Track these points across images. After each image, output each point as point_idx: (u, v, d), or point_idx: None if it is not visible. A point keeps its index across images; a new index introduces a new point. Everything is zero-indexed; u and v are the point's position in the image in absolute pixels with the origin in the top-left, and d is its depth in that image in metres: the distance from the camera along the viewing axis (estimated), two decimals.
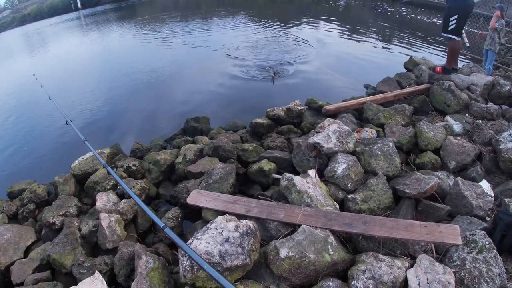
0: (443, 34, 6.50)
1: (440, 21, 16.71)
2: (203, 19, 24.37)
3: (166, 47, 16.86)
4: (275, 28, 17.87)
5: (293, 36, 13.50)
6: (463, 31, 6.96)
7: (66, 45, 22.04)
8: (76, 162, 6.05)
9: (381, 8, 22.57)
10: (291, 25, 18.45)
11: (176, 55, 15.06)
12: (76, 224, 4.70)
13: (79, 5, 48.68)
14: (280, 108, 7.04)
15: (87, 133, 5.47)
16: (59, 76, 14.60)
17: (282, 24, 18.72)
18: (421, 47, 13.39)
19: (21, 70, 17.73)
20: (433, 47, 13.23)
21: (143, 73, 13.08)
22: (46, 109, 10.76)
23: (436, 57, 11.32)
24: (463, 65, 8.10)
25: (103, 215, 4.50)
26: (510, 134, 4.78)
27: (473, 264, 3.05)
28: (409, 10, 21.37)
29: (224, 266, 3.06)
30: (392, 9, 22.47)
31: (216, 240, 3.22)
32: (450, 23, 6.24)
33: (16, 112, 11.97)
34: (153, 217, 3.59)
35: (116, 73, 13.94)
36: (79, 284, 3.61)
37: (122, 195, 5.21)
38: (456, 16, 6.14)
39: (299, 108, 6.94)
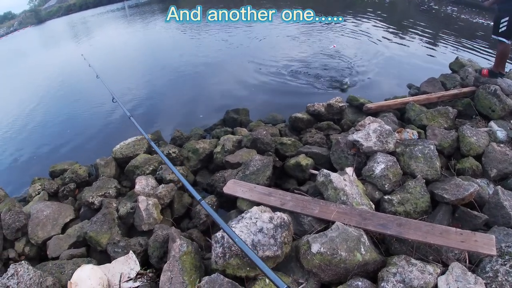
0: (493, 36, 6.27)
1: (488, 22, 16.23)
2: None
3: (209, 39, 16.99)
4: (317, 24, 17.65)
5: (334, 45, 13.22)
6: None
7: (111, 34, 22.64)
8: (117, 146, 6.25)
9: (426, 5, 21.90)
10: (334, 21, 18.18)
11: (219, 48, 15.14)
12: (115, 205, 4.87)
13: None
14: (321, 103, 6.98)
15: (127, 119, 5.63)
16: (104, 62, 15.03)
17: (324, 20, 18.47)
18: (468, 48, 12.93)
19: (68, 53, 18.38)
20: (481, 48, 12.76)
21: (185, 64, 13.27)
22: (93, 90, 11.17)
23: (483, 60, 10.91)
24: (510, 70, 7.79)
25: (141, 198, 4.65)
26: None
27: (505, 277, 2.99)
28: (455, 9, 20.64)
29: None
30: (437, 7, 21.76)
31: (250, 229, 3.27)
32: (501, 25, 6.02)
33: (65, 90, 12.53)
34: (190, 189, 3.62)
35: (159, 63, 14.22)
36: (113, 262, 3.77)
37: (160, 180, 5.36)
38: (507, 18, 5.91)
39: (340, 104, 6.86)
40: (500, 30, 6.05)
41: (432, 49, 13.00)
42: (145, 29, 22.63)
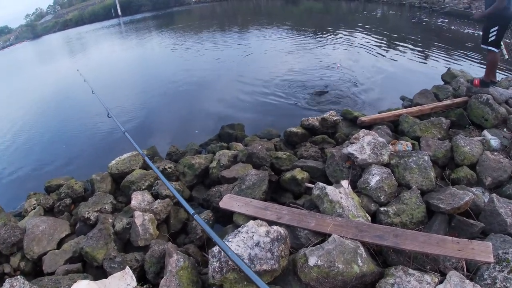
0: (482, 46, 6.37)
1: (479, 33, 16.43)
2: (240, 29, 24.62)
3: (203, 55, 17.14)
4: (311, 39, 17.86)
5: (338, 65, 13.21)
6: (501, 43, 6.79)
7: (106, 50, 22.78)
8: (113, 161, 6.27)
9: (416, 18, 22.19)
10: (327, 36, 18.41)
11: (213, 64, 15.28)
12: (111, 220, 4.86)
13: (119, 12, 50.11)
14: (315, 117, 7.05)
15: (123, 137, 5.66)
16: (99, 78, 15.12)
17: (318, 35, 18.71)
18: (459, 59, 13.09)
19: (64, 68, 18.44)
20: (472, 59, 12.91)
21: (180, 80, 13.40)
22: (89, 105, 11.20)
23: (475, 70, 11.03)
24: (501, 78, 7.89)
25: (137, 213, 4.64)
26: None
27: (504, 284, 2.98)
28: (446, 20, 20.92)
29: (253, 269, 3.09)
30: (428, 19, 22.05)
31: (247, 243, 3.27)
32: (490, 35, 6.12)
33: (60, 105, 12.57)
34: (184, 203, 3.64)
35: (154, 79, 14.33)
36: (109, 277, 3.74)
37: (156, 195, 5.35)
38: (496, 28, 6.01)
39: (334, 118, 6.92)
40: (489, 40, 6.15)
41: (424, 60, 13.15)
42: (139, 45, 22.77)
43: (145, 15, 45.93)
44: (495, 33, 6.08)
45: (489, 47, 6.26)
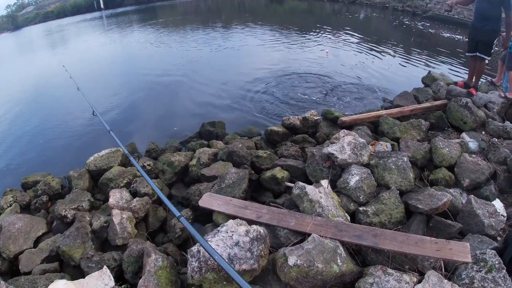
0: (478, 54, 6.49)
1: (459, 37, 16.75)
2: (223, 26, 24.55)
3: (185, 51, 16.99)
4: (294, 38, 17.91)
5: (327, 51, 13.39)
6: None
7: (87, 44, 22.38)
8: (91, 158, 6.14)
9: (398, 21, 22.50)
10: (309, 36, 18.49)
11: (195, 60, 15.16)
12: (88, 218, 4.77)
13: (102, 5, 49.44)
14: (296, 117, 7.08)
15: (103, 131, 5.54)
16: (78, 73, 14.80)
17: (301, 35, 18.77)
18: (439, 62, 13.30)
19: (45, 62, 18.06)
20: (452, 63, 13.13)
21: (162, 76, 13.23)
22: (67, 101, 11.00)
23: (455, 73, 11.23)
24: (480, 83, 8.03)
25: (115, 212, 4.56)
26: None
27: (482, 283, 3.03)
28: (428, 24, 21.23)
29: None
30: (409, 23, 22.34)
31: (226, 243, 3.24)
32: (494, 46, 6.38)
33: (39, 100, 12.28)
34: (170, 205, 3.57)
35: (133, 75, 14.10)
36: (87, 277, 3.66)
37: (135, 193, 5.27)
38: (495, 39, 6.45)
39: (315, 118, 6.97)
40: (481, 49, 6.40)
41: (405, 63, 13.32)
42: (120, 40, 22.45)
43: (128, 9, 45.37)
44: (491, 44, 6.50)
45: (485, 56, 6.45)
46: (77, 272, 4.13)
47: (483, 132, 6.05)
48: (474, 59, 6.67)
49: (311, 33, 19.16)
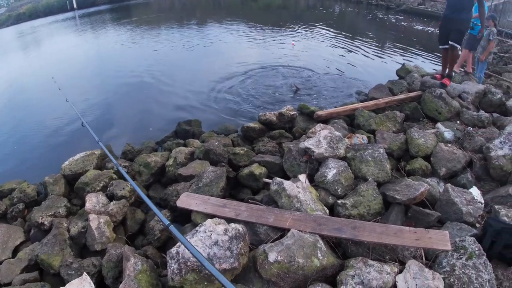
0: (451, 43, 6.61)
1: (431, 29, 17.03)
2: (198, 23, 24.36)
3: (158, 50, 16.74)
4: (269, 34, 17.91)
5: (293, 43, 13.65)
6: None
7: (59, 45, 21.88)
8: (66, 162, 6.00)
9: (372, 15, 22.74)
10: (285, 32, 18.51)
11: (169, 59, 14.94)
12: (65, 224, 4.67)
13: (75, 5, 48.53)
14: (272, 112, 7.09)
15: (77, 135, 5.42)
16: (48, 74, 14.47)
17: (276, 30, 18.78)
18: (414, 54, 13.49)
19: (17, 65, 17.60)
20: (425, 55, 13.34)
21: (134, 77, 12.93)
22: (42, 104, 10.72)
23: (428, 65, 11.40)
24: (455, 74, 8.17)
25: (92, 216, 4.47)
26: (500, 142, 4.83)
27: (463, 270, 3.07)
28: (402, 18, 21.53)
29: None
30: (383, 16, 22.63)
31: (205, 243, 3.21)
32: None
33: (11, 104, 11.89)
34: (159, 215, 3.50)
35: (107, 76, 13.72)
36: (67, 285, 3.58)
37: (111, 197, 5.17)
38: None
39: (291, 113, 6.99)
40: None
41: (380, 56, 13.47)
42: (93, 40, 21.99)
43: (101, 8, 44.56)
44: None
45: (457, 44, 6.60)
46: (57, 280, 4.04)
47: (458, 122, 6.15)
48: (446, 50, 6.82)
49: (286, 29, 19.18)
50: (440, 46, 6.97)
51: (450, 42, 6.58)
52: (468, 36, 8.00)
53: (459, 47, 6.74)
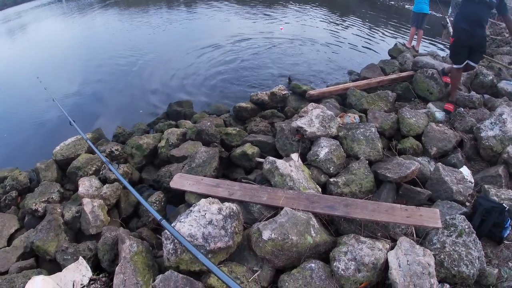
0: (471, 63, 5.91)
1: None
2: (188, 4, 24.02)
3: (147, 31, 16.51)
4: (258, 14, 17.71)
5: (281, 28, 13.63)
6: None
7: (46, 31, 21.51)
8: (57, 147, 5.95)
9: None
10: (275, 11, 18.32)
11: (157, 39, 14.72)
12: (59, 210, 4.64)
13: None
14: (264, 92, 7.10)
15: (66, 124, 5.38)
16: (38, 59, 14.27)
17: (266, 10, 18.59)
18: (405, 35, 13.45)
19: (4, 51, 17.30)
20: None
21: (123, 59, 12.77)
22: (29, 91, 10.55)
23: (420, 45, 11.40)
24: (446, 54, 8.18)
25: (86, 201, 4.46)
26: (491, 123, 4.89)
27: (453, 247, 3.13)
28: None
29: (207, 248, 3.08)
30: None
31: (199, 222, 3.23)
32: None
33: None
34: (151, 210, 3.48)
35: (95, 60, 13.55)
36: (64, 270, 3.60)
37: (104, 180, 5.16)
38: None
39: (283, 92, 7.00)
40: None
41: (372, 36, 13.41)
42: (81, 24, 21.63)
43: None
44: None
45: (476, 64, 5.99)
46: (54, 266, 4.04)
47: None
48: (460, 70, 5.92)
49: (276, 9, 18.97)
50: (454, 66, 5.88)
51: (471, 63, 5.83)
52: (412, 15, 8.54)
53: (476, 66, 6.24)
